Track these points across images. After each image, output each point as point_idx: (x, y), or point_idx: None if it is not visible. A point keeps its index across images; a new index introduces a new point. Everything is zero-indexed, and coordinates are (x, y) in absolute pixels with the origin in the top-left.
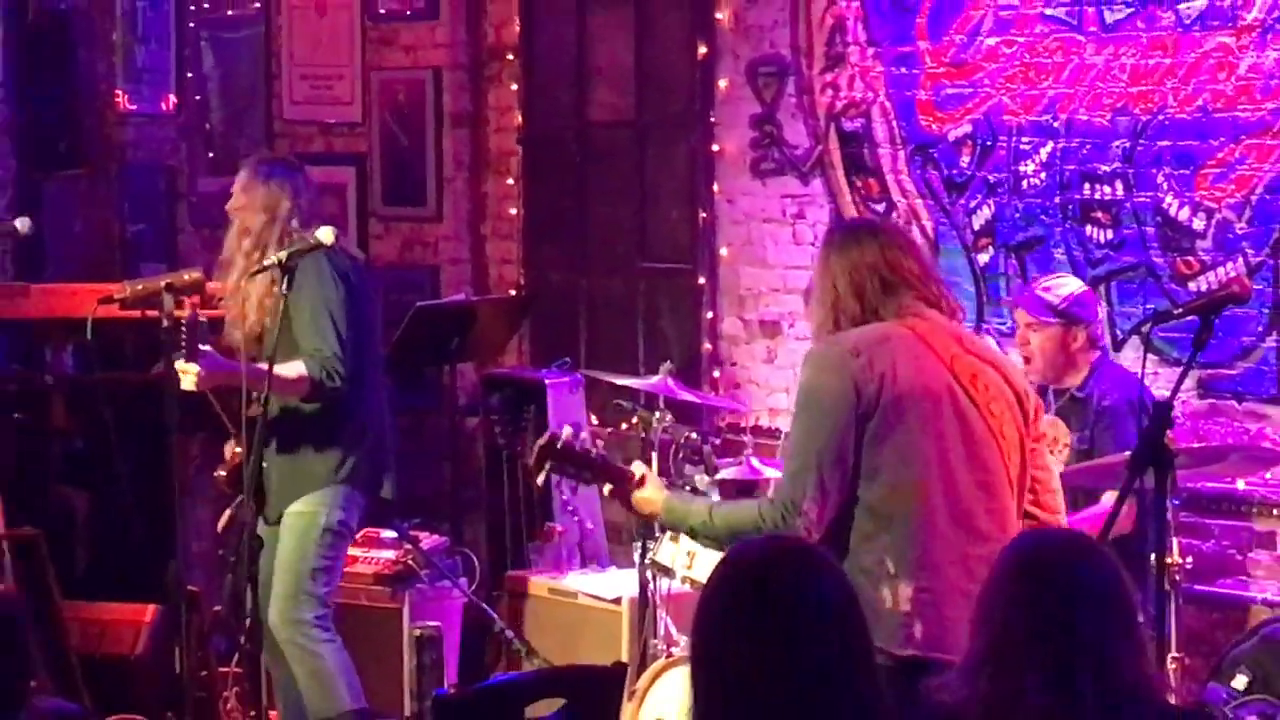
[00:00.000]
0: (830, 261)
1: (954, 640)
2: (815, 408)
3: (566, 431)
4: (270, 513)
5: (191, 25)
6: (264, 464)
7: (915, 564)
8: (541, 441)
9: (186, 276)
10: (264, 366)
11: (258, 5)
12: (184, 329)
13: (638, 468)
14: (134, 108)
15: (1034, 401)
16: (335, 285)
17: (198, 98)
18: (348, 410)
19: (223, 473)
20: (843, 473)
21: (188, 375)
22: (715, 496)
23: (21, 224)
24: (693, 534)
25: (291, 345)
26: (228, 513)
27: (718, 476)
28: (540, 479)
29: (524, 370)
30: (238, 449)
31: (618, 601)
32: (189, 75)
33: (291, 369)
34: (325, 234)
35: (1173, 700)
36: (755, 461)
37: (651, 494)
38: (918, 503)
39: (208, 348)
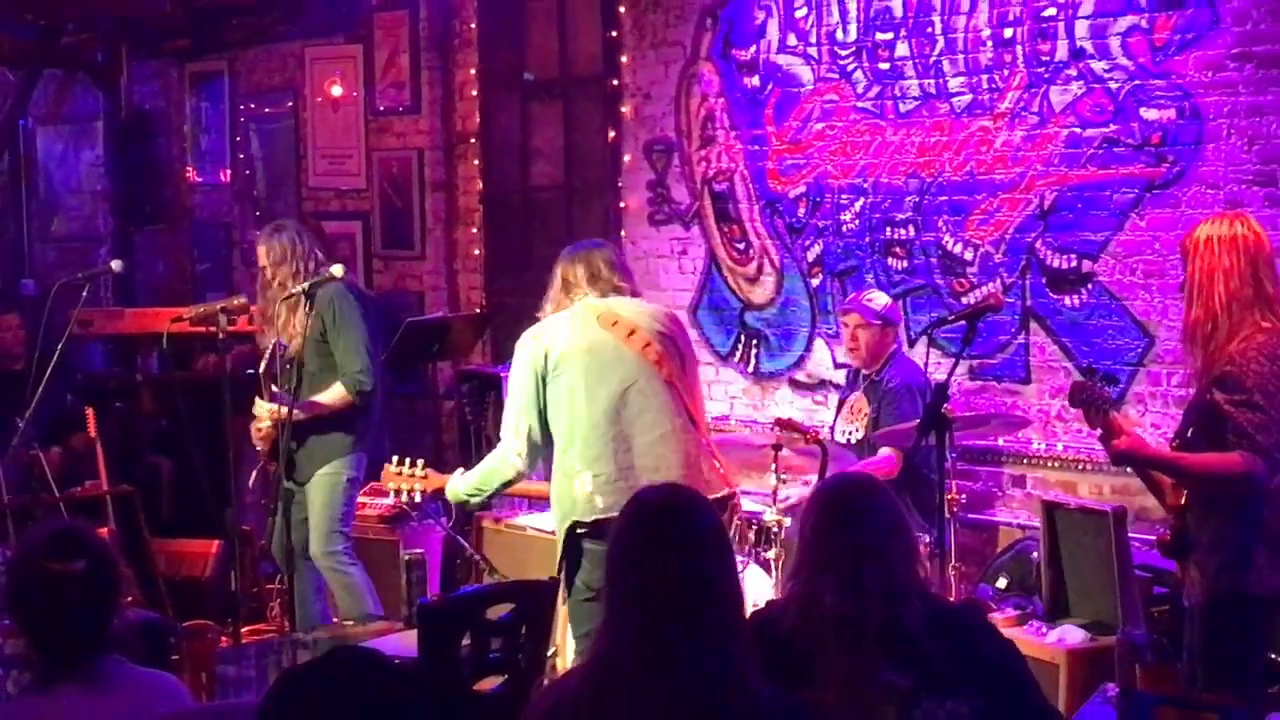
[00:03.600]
0: (558, 264)
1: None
2: (512, 378)
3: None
4: (299, 476)
5: (242, 119)
6: (296, 442)
7: (592, 458)
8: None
9: (235, 302)
10: (315, 400)
11: (290, 104)
12: (260, 377)
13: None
14: (200, 179)
15: (683, 338)
16: (357, 311)
17: (246, 172)
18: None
19: (262, 448)
20: (529, 418)
21: (263, 412)
22: None
23: (117, 265)
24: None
25: (328, 361)
26: (255, 473)
27: None
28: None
29: (486, 366)
30: (260, 429)
31: (552, 534)
32: (240, 155)
33: (333, 394)
34: (337, 269)
35: (951, 599)
36: None
37: (449, 485)
38: (588, 420)
39: (278, 390)
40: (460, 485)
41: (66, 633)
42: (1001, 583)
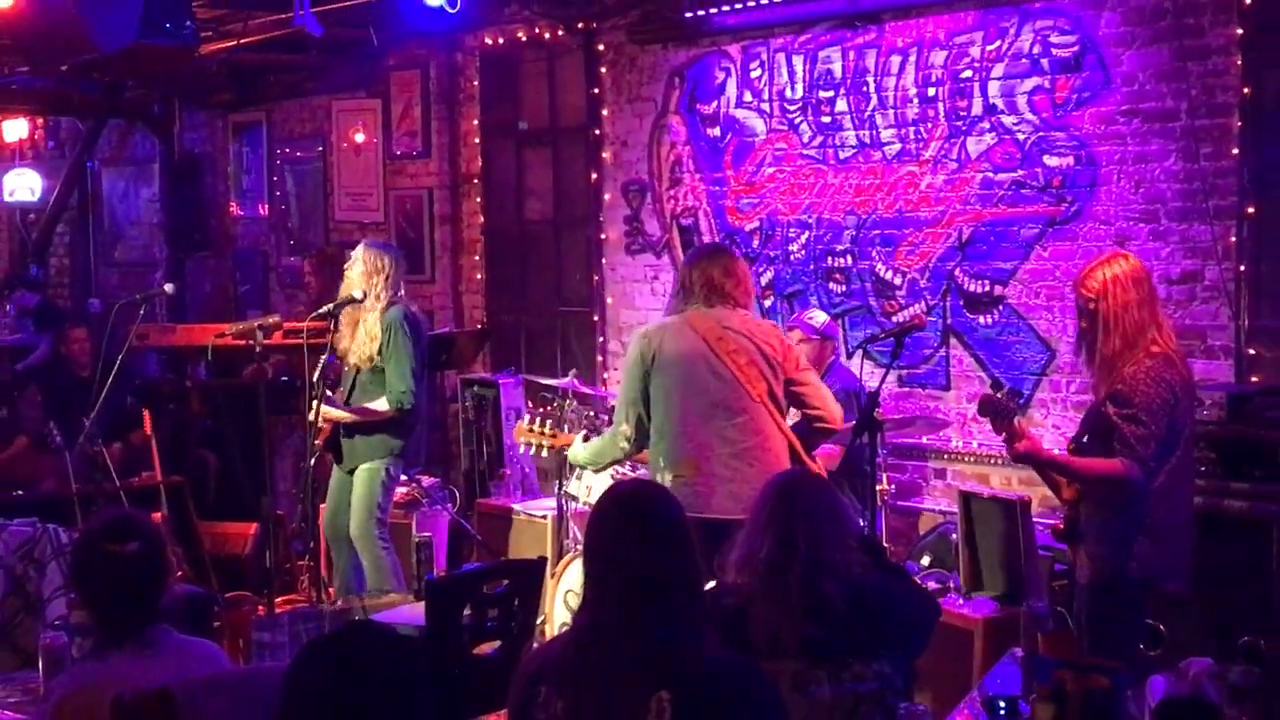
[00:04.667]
0: (682, 266)
1: (701, 505)
2: (624, 369)
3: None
4: (346, 465)
5: (278, 162)
6: (346, 435)
7: (674, 461)
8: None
9: (270, 320)
10: (367, 406)
11: (319, 149)
12: (315, 386)
13: (578, 435)
14: (241, 213)
15: (782, 351)
16: (410, 338)
17: (282, 206)
18: (407, 416)
19: (318, 442)
20: (637, 408)
21: (325, 414)
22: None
23: (170, 288)
24: (580, 462)
25: (379, 376)
26: (310, 460)
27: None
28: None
29: (486, 374)
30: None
31: (544, 518)
32: (276, 192)
33: (381, 405)
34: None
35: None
36: None
37: (573, 447)
38: (677, 424)
39: (331, 394)
40: (580, 453)
41: (121, 605)
42: (925, 560)
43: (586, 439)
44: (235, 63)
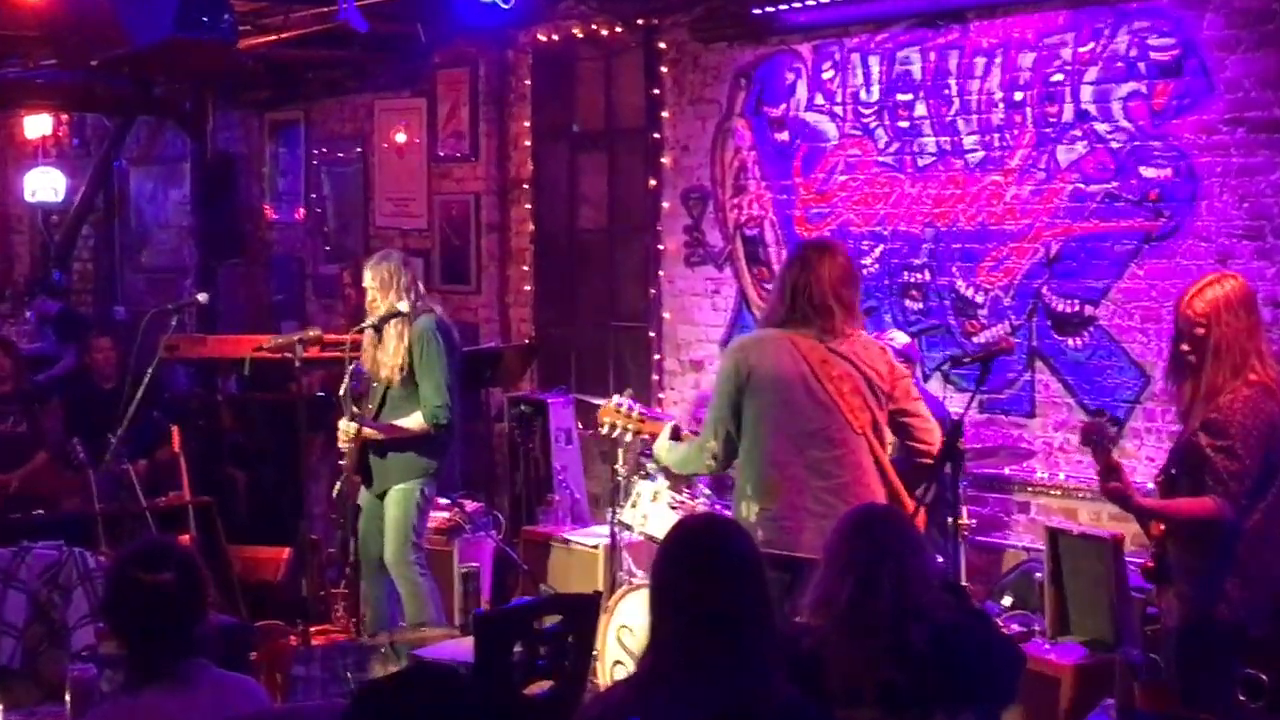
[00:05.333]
0: (785, 270)
1: (787, 542)
2: (717, 381)
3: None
4: (376, 488)
5: (315, 163)
6: (375, 455)
7: (762, 492)
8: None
9: (311, 334)
10: (397, 424)
11: (359, 151)
12: (340, 399)
13: (669, 424)
14: (277, 217)
15: (890, 378)
16: (442, 350)
17: (318, 210)
18: (440, 433)
19: (345, 460)
20: (727, 425)
21: (349, 431)
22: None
23: (202, 297)
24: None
25: (412, 391)
26: (338, 485)
27: None
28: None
29: (534, 393)
30: (343, 435)
31: (596, 547)
32: (313, 196)
33: (413, 421)
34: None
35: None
36: None
37: (661, 437)
38: (768, 450)
39: (358, 410)
40: (664, 453)
41: (156, 638)
42: (1007, 601)
43: (676, 434)
44: (273, 58)
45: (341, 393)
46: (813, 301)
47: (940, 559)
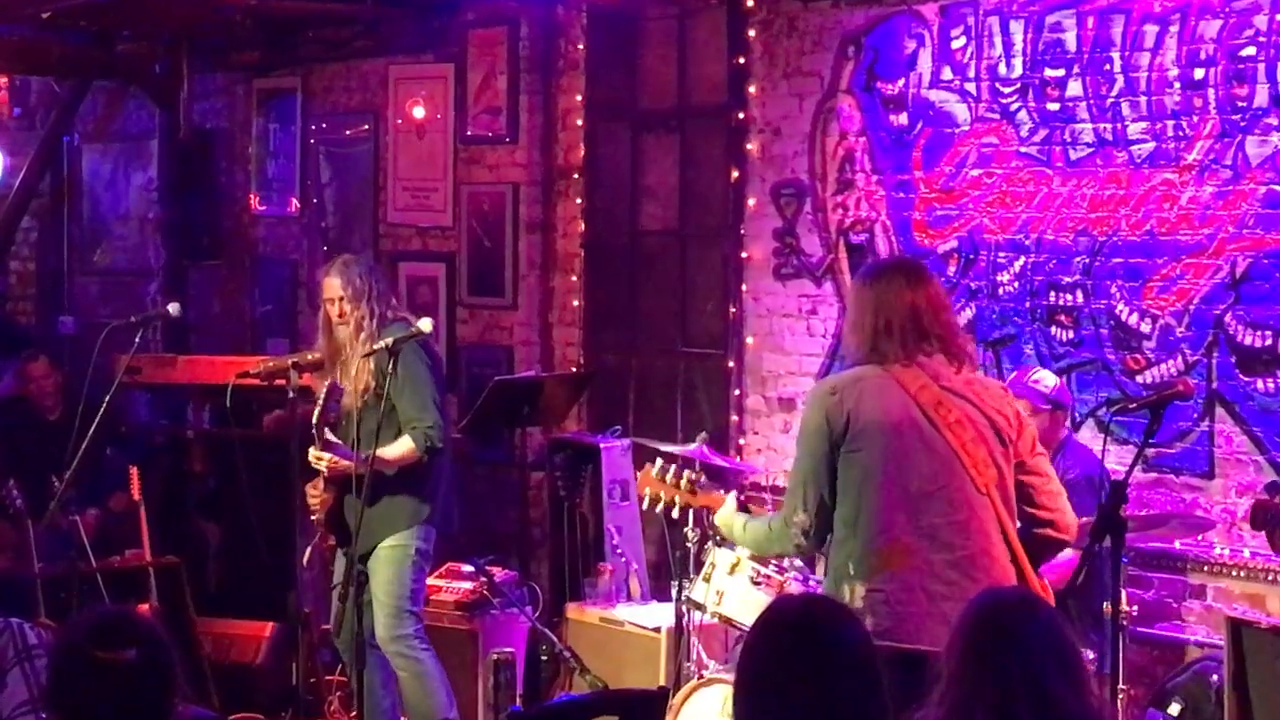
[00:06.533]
0: (880, 296)
1: (905, 631)
2: (801, 436)
3: None
4: (359, 548)
5: (313, 142)
6: (350, 510)
7: (869, 568)
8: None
9: (309, 356)
10: (379, 453)
11: (367, 128)
12: (315, 427)
13: (730, 496)
14: (264, 209)
15: (1016, 425)
16: (426, 363)
17: (315, 202)
18: (429, 466)
19: (318, 516)
20: (820, 489)
21: (321, 462)
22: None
23: (173, 309)
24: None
25: (388, 419)
26: (309, 549)
27: None
28: None
29: (583, 435)
30: (313, 490)
31: (657, 631)
32: (310, 183)
33: (400, 447)
34: (426, 324)
35: None
36: None
37: (723, 512)
38: (875, 518)
39: (335, 439)
40: (735, 532)
41: None
42: (1174, 709)
43: (744, 507)
44: (265, 12)
45: (315, 419)
46: (926, 329)
47: (1091, 655)
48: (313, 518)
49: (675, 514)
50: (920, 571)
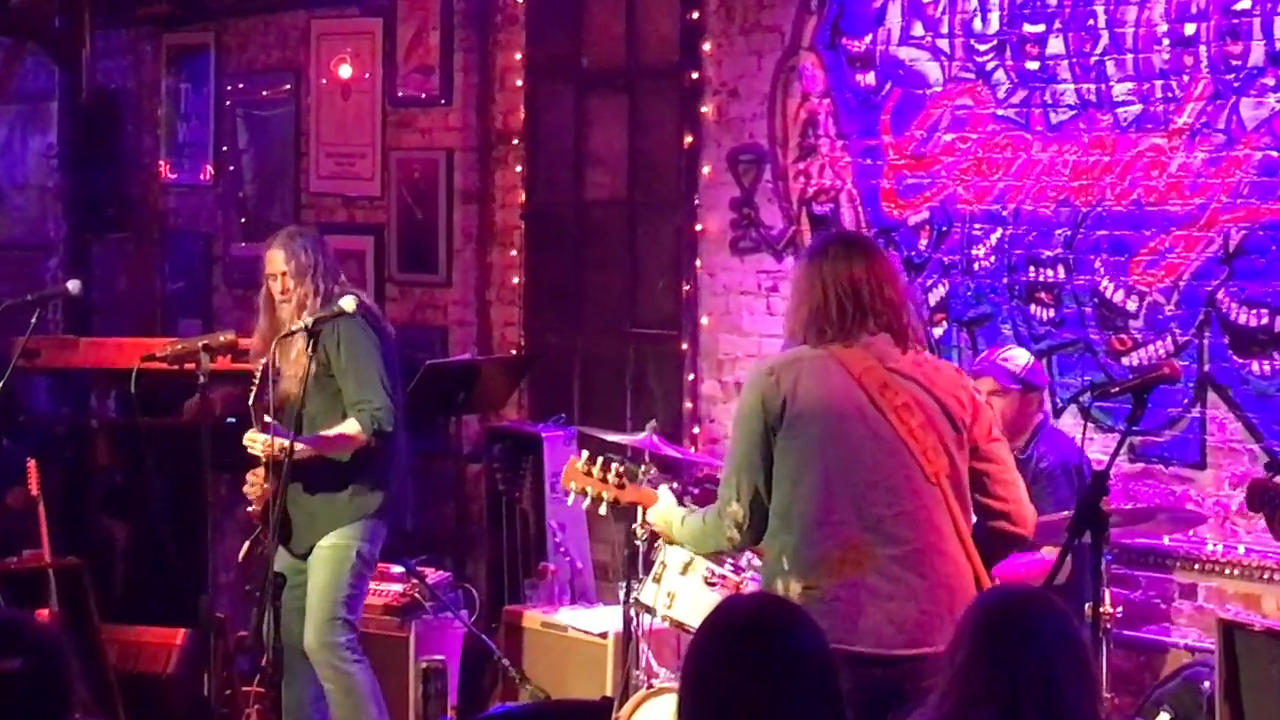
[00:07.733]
0: (821, 271)
1: (844, 631)
2: (736, 420)
3: None
4: (297, 546)
5: (228, 104)
6: (300, 495)
7: (805, 564)
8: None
9: (222, 338)
10: (323, 434)
11: (288, 88)
12: (252, 408)
13: (662, 490)
14: (175, 178)
15: (971, 408)
16: (373, 341)
17: (232, 169)
18: (379, 452)
19: (255, 507)
20: (754, 479)
21: (255, 445)
22: None
23: (73, 286)
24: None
25: (331, 402)
26: (246, 544)
27: None
28: None
29: (523, 424)
30: (253, 478)
31: (604, 636)
32: (225, 149)
33: (342, 430)
34: (348, 303)
35: None
36: None
37: (657, 508)
38: (813, 508)
39: (272, 420)
40: (670, 527)
41: None
42: (1163, 718)
43: (682, 501)
44: None
45: (251, 401)
46: (868, 305)
47: None
48: (249, 509)
49: (603, 510)
50: (863, 567)
